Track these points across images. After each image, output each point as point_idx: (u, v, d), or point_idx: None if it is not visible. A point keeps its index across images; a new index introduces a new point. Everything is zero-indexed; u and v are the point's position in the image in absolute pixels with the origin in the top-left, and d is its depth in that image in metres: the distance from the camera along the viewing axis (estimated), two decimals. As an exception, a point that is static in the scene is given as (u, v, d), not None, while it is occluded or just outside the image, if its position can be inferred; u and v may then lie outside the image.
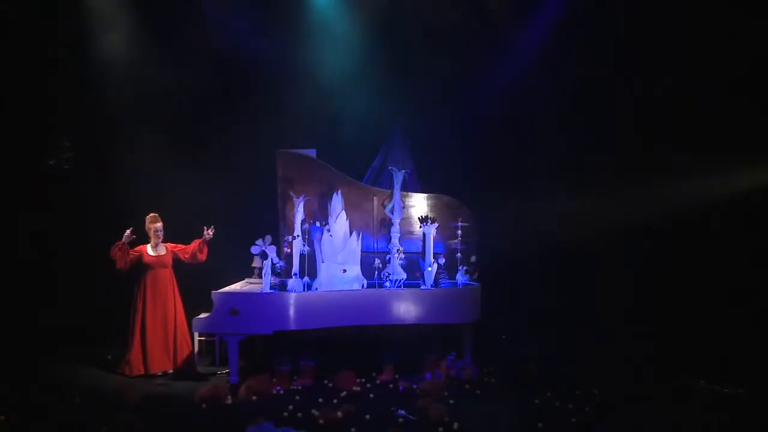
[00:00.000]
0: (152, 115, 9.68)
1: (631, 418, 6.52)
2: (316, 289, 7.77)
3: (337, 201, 8.12)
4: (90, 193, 9.63)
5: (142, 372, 7.84)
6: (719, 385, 7.40)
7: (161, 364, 7.92)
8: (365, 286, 8.01)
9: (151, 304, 7.93)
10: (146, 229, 8.07)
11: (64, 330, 9.09)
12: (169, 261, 8.11)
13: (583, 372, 7.96)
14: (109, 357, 8.39)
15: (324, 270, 7.86)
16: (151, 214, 8.12)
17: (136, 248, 8.01)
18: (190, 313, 7.95)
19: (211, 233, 8.07)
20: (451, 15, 9.67)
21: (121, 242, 7.85)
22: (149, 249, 8.05)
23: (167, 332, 7.96)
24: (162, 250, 8.10)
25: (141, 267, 8.00)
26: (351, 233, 8.08)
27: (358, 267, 8.04)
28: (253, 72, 9.90)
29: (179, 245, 8.20)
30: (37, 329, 9.04)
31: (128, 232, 7.85)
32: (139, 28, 9.65)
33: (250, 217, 8.95)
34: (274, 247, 7.65)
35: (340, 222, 8.06)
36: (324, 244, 7.91)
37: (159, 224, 8.06)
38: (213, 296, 7.48)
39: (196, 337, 8.45)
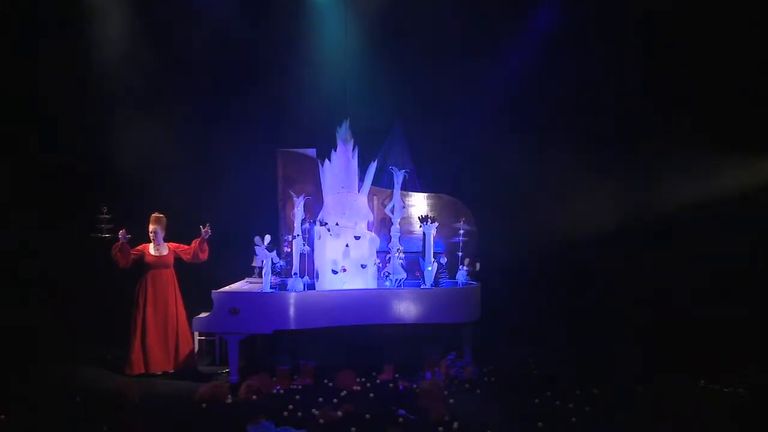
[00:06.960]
0: (152, 115, 9.66)
1: (632, 418, 6.51)
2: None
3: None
4: (88, 192, 9.61)
5: (143, 371, 7.82)
6: (719, 384, 7.40)
7: (161, 364, 7.91)
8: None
9: (152, 304, 7.92)
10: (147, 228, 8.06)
11: (65, 330, 9.07)
12: (171, 261, 8.10)
13: (583, 372, 7.95)
14: (109, 357, 8.38)
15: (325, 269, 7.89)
16: (152, 215, 8.10)
17: (138, 247, 8.00)
18: (191, 312, 7.95)
19: (208, 231, 8.07)
20: (452, 14, 9.68)
21: (119, 243, 7.83)
22: (151, 248, 8.04)
23: (168, 332, 7.96)
24: (164, 249, 8.08)
25: (142, 266, 7.99)
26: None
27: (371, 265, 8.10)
28: (253, 71, 9.90)
29: (182, 245, 8.19)
30: (37, 329, 9.02)
31: (121, 232, 7.83)
32: (136, 29, 9.65)
33: (250, 217, 8.95)
34: (271, 252, 7.68)
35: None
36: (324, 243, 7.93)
37: (152, 226, 8.00)
38: (213, 296, 7.48)
39: (196, 337, 8.45)
